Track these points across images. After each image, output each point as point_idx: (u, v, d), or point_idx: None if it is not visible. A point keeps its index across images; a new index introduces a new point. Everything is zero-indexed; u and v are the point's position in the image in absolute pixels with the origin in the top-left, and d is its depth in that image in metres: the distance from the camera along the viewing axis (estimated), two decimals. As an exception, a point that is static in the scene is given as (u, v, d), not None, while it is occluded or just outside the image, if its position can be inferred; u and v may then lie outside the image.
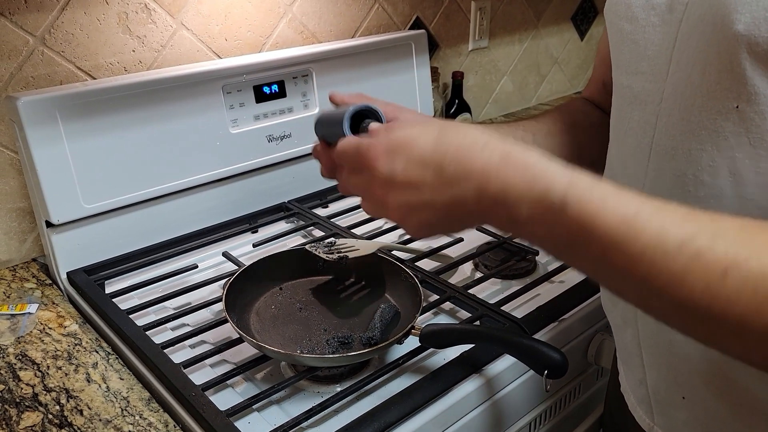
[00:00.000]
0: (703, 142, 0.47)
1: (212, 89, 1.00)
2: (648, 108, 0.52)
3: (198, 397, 0.67)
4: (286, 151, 1.12)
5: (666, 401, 0.58)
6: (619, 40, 0.55)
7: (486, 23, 1.56)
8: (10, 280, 0.94)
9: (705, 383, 0.52)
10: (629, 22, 0.53)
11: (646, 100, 0.52)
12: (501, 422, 0.77)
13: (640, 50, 0.52)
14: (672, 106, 0.49)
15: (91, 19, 0.96)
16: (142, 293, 0.91)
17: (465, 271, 0.98)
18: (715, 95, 0.45)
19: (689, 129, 0.47)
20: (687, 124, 0.48)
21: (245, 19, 1.12)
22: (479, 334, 0.72)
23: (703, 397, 0.53)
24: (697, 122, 0.47)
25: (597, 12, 1.90)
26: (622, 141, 0.56)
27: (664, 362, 0.56)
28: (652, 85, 0.51)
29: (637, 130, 0.53)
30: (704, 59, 0.45)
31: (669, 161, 0.50)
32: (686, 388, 0.54)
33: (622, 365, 0.66)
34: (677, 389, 0.55)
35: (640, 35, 0.52)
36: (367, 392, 0.71)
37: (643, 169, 0.53)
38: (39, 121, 0.85)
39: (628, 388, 0.65)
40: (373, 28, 1.32)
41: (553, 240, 0.41)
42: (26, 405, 0.69)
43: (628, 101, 0.55)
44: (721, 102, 0.45)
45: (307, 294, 0.84)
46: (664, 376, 0.56)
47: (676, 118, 0.49)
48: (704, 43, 0.45)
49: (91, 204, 0.91)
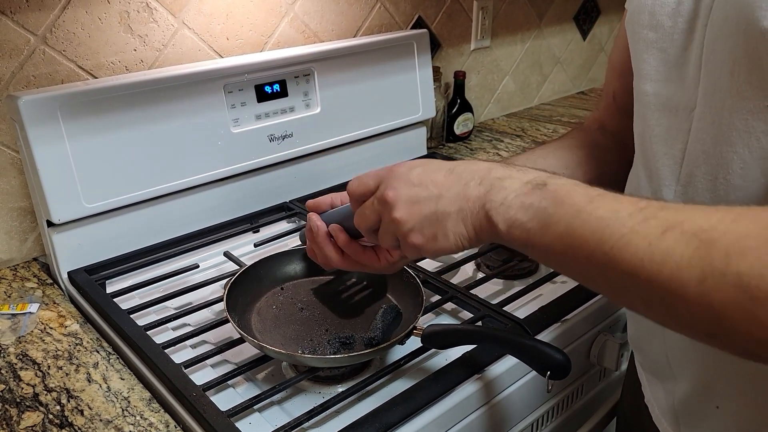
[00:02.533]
0: (734, 144, 0.46)
1: (213, 88, 1.00)
2: (679, 114, 0.51)
3: (199, 398, 0.67)
4: (288, 151, 1.11)
5: (696, 412, 0.57)
6: (642, 49, 0.54)
7: (488, 23, 1.56)
8: (11, 279, 0.94)
9: (739, 392, 0.52)
10: (654, 31, 0.53)
11: (676, 108, 0.52)
12: (503, 423, 0.77)
13: (668, 58, 0.52)
14: (703, 110, 0.49)
15: (92, 18, 0.96)
16: (143, 293, 0.91)
17: (467, 272, 0.98)
18: (746, 95, 0.45)
19: (720, 132, 0.47)
20: (718, 127, 0.47)
21: (247, 18, 1.12)
22: (482, 334, 0.72)
23: (736, 407, 0.53)
24: (728, 124, 0.46)
25: (600, 12, 1.90)
26: (648, 148, 0.56)
27: (694, 372, 0.55)
28: (683, 92, 0.51)
29: (666, 138, 0.53)
30: (732, 60, 0.45)
31: (700, 166, 0.49)
32: (720, 398, 0.54)
33: (646, 375, 0.65)
34: (710, 399, 0.55)
35: (667, 43, 0.52)
36: (368, 393, 0.71)
37: (675, 175, 0.53)
38: (40, 120, 0.85)
39: (653, 399, 0.64)
40: (375, 28, 1.32)
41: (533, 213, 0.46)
42: (27, 405, 0.69)
43: (654, 109, 0.54)
44: (751, 101, 0.44)
45: (309, 294, 0.84)
46: (695, 386, 0.56)
47: (707, 122, 0.48)
48: (731, 43, 0.45)
49: (92, 203, 0.91)
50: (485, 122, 1.68)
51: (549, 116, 1.72)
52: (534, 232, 0.46)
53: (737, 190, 0.47)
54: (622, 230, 0.40)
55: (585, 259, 0.43)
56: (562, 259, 0.45)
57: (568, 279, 0.91)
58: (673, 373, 0.58)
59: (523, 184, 0.48)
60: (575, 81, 1.94)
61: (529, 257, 0.53)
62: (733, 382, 0.52)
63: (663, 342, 0.58)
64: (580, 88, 1.97)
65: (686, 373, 0.56)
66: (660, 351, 0.59)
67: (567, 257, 0.44)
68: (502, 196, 0.48)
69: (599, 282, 0.43)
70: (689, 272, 0.36)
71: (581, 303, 0.85)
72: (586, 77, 1.97)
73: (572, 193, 0.45)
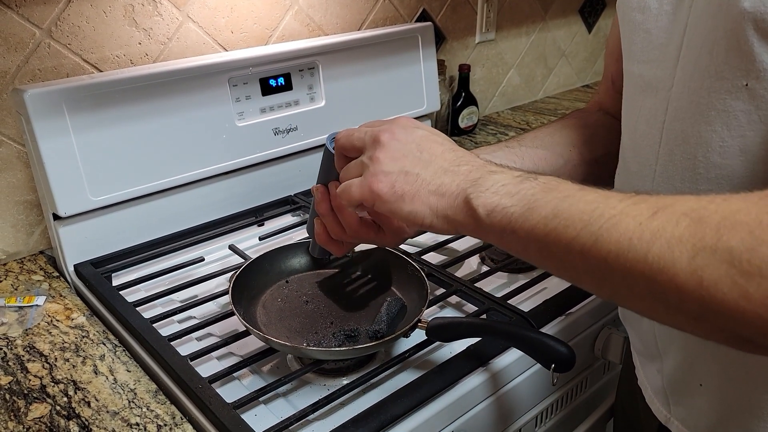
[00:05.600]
0: (713, 123, 0.47)
1: (218, 82, 1.00)
2: (659, 94, 0.52)
3: (205, 390, 0.67)
4: (293, 144, 1.11)
5: (682, 390, 0.57)
6: (630, 30, 0.56)
7: (493, 16, 1.55)
8: (17, 272, 0.95)
9: (722, 369, 0.52)
10: (641, 12, 0.54)
11: (657, 87, 0.52)
12: (507, 416, 0.77)
13: (651, 39, 0.53)
14: (681, 90, 0.49)
15: (97, 12, 0.96)
16: (149, 286, 0.91)
17: (471, 265, 0.98)
18: (724, 75, 0.45)
19: (699, 111, 0.47)
20: (696, 106, 0.48)
21: (251, 11, 1.12)
22: (487, 327, 0.72)
23: (719, 384, 0.53)
24: (707, 104, 0.47)
25: (605, 4, 1.89)
26: (633, 129, 0.57)
27: (680, 349, 0.56)
28: (663, 71, 0.52)
29: (648, 117, 0.54)
30: (712, 40, 0.45)
31: (680, 145, 0.50)
32: (703, 375, 0.54)
33: (638, 357, 0.66)
34: (694, 376, 0.55)
35: (652, 24, 0.53)
36: (373, 385, 0.71)
37: (654, 154, 0.53)
38: (46, 113, 0.85)
39: (645, 380, 0.65)
40: (379, 21, 1.31)
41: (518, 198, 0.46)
42: (34, 396, 0.69)
43: (640, 89, 0.55)
44: (730, 81, 0.45)
45: (314, 287, 0.84)
46: (680, 364, 0.56)
47: (685, 102, 0.49)
48: (711, 23, 0.45)
49: (98, 197, 0.92)
50: (490, 115, 1.68)
51: (554, 109, 1.71)
52: (517, 216, 0.45)
53: (717, 168, 0.47)
54: (611, 212, 0.40)
55: (568, 242, 0.42)
56: (542, 244, 0.44)
57: (572, 272, 0.91)
58: (660, 351, 0.59)
59: (513, 177, 0.48)
60: (580, 74, 1.93)
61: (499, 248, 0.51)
62: (716, 359, 0.52)
63: (651, 321, 0.58)
64: (585, 82, 1.96)
65: (671, 351, 0.57)
66: (648, 330, 0.60)
67: (548, 241, 0.43)
68: (489, 184, 0.48)
69: (579, 267, 0.42)
70: (680, 249, 0.36)
71: (586, 296, 0.85)
72: (592, 70, 1.96)
73: (562, 183, 0.45)
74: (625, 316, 0.67)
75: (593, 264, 0.41)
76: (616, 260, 0.39)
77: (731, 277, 0.34)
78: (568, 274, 0.45)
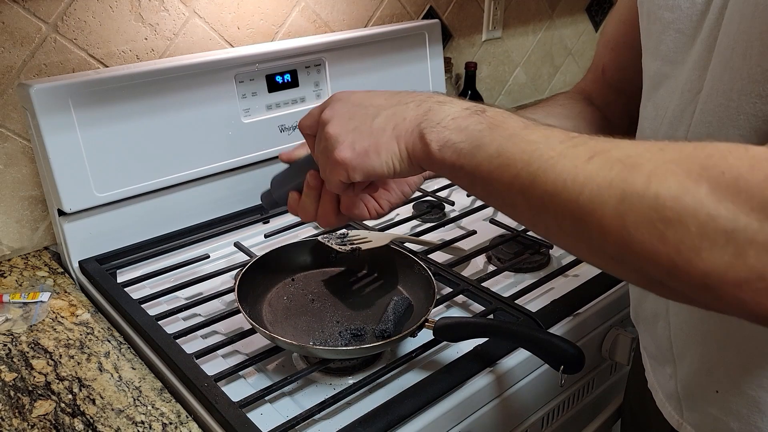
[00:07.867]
0: (741, 127, 0.46)
1: (224, 78, 1.00)
2: (685, 96, 0.51)
3: (210, 388, 0.66)
4: (299, 141, 1.10)
5: (697, 396, 0.57)
6: (659, 29, 0.54)
7: (500, 13, 1.54)
8: (22, 268, 0.94)
9: (740, 375, 0.51)
10: (671, 11, 0.52)
11: (684, 89, 0.51)
12: (514, 417, 0.76)
13: (686, 40, 0.51)
14: (710, 92, 0.48)
15: (103, 7, 0.95)
16: (154, 283, 0.91)
17: (478, 264, 0.97)
18: (756, 78, 0.44)
19: (727, 115, 0.46)
20: (725, 110, 0.47)
21: (258, 7, 1.11)
22: (494, 327, 0.71)
23: (737, 391, 0.52)
24: (736, 107, 0.46)
25: (612, 3, 1.88)
26: (655, 130, 0.56)
27: (696, 354, 0.55)
28: (691, 72, 0.50)
29: (672, 119, 0.53)
30: (746, 41, 0.44)
31: None
32: (719, 382, 0.53)
33: (649, 360, 0.65)
34: (710, 382, 0.54)
35: (685, 24, 0.51)
36: (379, 385, 0.71)
37: None
38: (51, 108, 0.85)
39: (657, 384, 0.64)
40: (386, 18, 1.31)
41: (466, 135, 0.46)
42: (39, 393, 0.69)
43: (669, 91, 0.54)
44: (761, 85, 0.44)
45: (320, 285, 0.84)
46: (697, 369, 0.56)
47: (713, 105, 0.48)
48: (746, 24, 0.44)
49: (103, 193, 0.91)
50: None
51: (560, 108, 1.70)
52: (465, 152, 0.46)
53: None
54: (550, 153, 0.41)
55: (510, 179, 0.43)
56: (486, 181, 0.45)
57: (580, 273, 0.91)
58: (675, 356, 0.58)
59: (462, 109, 0.48)
60: (587, 73, 1.92)
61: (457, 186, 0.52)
62: (734, 366, 0.52)
63: (667, 325, 0.58)
64: (592, 80, 1.95)
65: (687, 356, 0.56)
66: (663, 334, 0.59)
67: (492, 178, 0.45)
68: (440, 118, 0.49)
69: (519, 204, 0.44)
70: (609, 193, 0.37)
71: (593, 297, 0.84)
72: (598, 69, 1.95)
73: (508, 120, 0.46)
74: (638, 318, 0.66)
75: (531, 203, 0.42)
76: (551, 200, 0.40)
77: (652, 222, 0.35)
78: (508, 210, 0.46)
